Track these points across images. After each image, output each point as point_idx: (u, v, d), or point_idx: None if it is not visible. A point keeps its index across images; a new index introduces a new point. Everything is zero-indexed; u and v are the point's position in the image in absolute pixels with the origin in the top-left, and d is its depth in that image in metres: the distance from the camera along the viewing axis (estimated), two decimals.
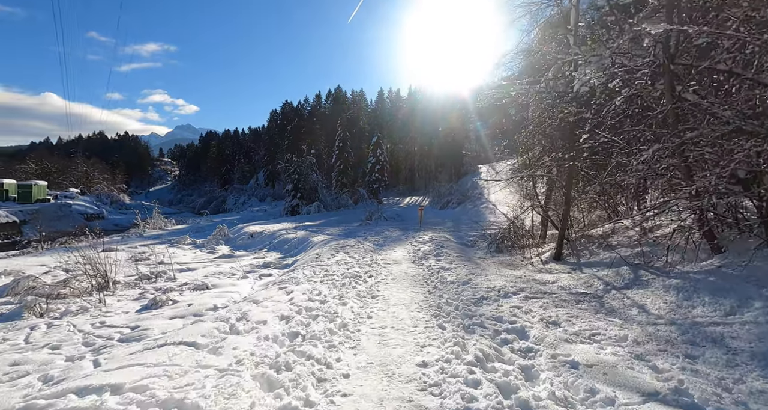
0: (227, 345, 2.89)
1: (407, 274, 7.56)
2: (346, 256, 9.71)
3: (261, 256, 13.52)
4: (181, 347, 2.78)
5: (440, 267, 8.00)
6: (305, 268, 7.87)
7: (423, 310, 4.68)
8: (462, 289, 5.71)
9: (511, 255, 9.96)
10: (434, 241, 12.11)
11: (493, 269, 7.71)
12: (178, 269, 10.85)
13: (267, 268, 10.96)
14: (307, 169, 30.69)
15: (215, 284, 8.60)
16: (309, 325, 3.78)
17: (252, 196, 45.86)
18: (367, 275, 7.23)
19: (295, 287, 5.75)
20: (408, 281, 6.81)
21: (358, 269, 7.87)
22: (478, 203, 27.97)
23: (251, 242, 17.14)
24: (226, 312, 4.14)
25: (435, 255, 9.71)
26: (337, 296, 5.33)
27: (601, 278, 5.34)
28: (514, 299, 4.84)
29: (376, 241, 13.01)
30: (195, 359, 2.54)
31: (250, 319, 3.66)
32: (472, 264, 8.27)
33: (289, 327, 3.65)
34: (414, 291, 5.93)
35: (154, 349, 2.76)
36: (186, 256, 14.54)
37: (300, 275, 7.04)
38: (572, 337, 3.25)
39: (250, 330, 3.33)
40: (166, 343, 2.89)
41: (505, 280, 6.11)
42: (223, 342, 2.97)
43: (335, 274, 7.09)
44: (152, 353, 2.65)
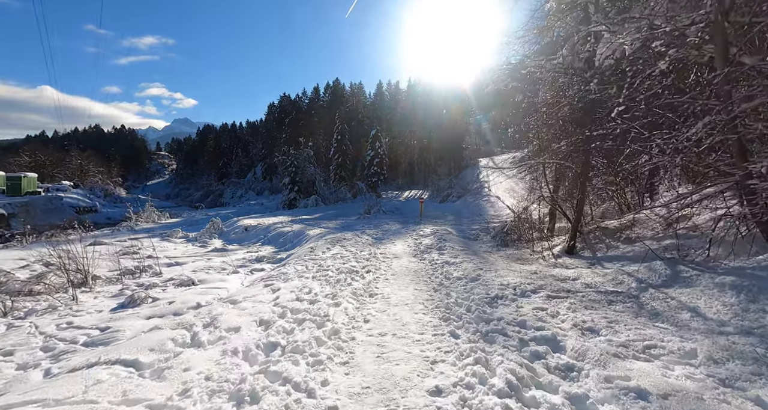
0: (178, 364, 2.19)
1: (409, 269, 6.85)
2: (342, 250, 8.99)
3: (254, 250, 12.80)
4: (116, 367, 2.08)
5: (444, 262, 7.29)
6: (297, 263, 7.15)
7: (429, 312, 3.97)
8: (471, 286, 5.00)
9: (519, 249, 9.27)
10: (436, 234, 11.40)
11: (502, 263, 7.00)
12: (166, 264, 10.15)
13: (260, 262, 10.26)
14: (305, 162, 29.87)
15: (202, 280, 7.92)
16: (292, 332, 3.07)
17: (249, 190, 45.00)
18: (364, 271, 6.51)
19: (283, 285, 5.03)
20: (410, 277, 6.10)
21: (355, 263, 7.15)
22: (479, 197, 27.24)
23: (245, 236, 16.39)
24: (194, 315, 3.42)
25: (437, 249, 9.00)
26: (329, 294, 4.61)
27: (631, 275, 4.63)
28: (534, 299, 4.13)
29: (374, 234, 12.30)
30: (124, 388, 1.84)
31: (219, 325, 2.95)
32: (478, 258, 7.57)
33: (267, 335, 2.94)
34: (417, 289, 5.22)
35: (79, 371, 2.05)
36: (176, 250, 13.77)
37: (290, 270, 6.32)
38: (621, 350, 2.54)
39: (216, 341, 2.63)
40: (99, 361, 2.19)
41: (519, 276, 5.41)
42: (174, 359, 2.27)
43: (330, 269, 6.38)
44: (68, 380, 1.94)
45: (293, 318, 3.49)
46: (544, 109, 7.56)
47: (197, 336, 2.71)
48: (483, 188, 29.54)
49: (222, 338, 2.72)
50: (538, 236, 10.35)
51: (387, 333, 3.26)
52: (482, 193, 28.20)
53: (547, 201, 8.44)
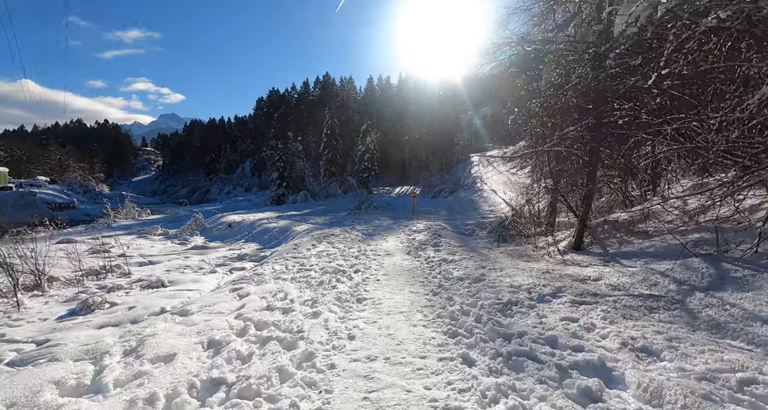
0: None
1: (402, 268, 6.04)
2: (329, 247, 8.14)
3: (237, 247, 11.85)
4: None
5: (441, 259, 6.51)
6: (277, 262, 6.28)
7: (431, 323, 3.17)
8: (477, 289, 4.21)
9: (519, 245, 8.55)
10: (430, 229, 10.62)
11: (506, 261, 6.24)
12: (138, 263, 9.17)
13: (241, 261, 9.36)
14: (294, 156, 28.80)
15: (174, 281, 7.01)
16: (249, 360, 2.24)
17: (237, 185, 43.60)
18: (352, 270, 5.67)
19: (254, 289, 4.17)
20: (404, 278, 5.29)
21: (342, 262, 6.31)
22: (472, 192, 26.59)
23: (229, 233, 15.37)
24: (116, 340, 2.52)
25: (433, 245, 8.22)
26: (309, 301, 3.77)
27: (665, 275, 3.90)
28: (557, 306, 3.36)
29: (365, 230, 11.46)
30: None
31: (145, 353, 2.09)
32: (478, 256, 6.81)
33: (211, 365, 2.10)
34: (413, 292, 4.42)
35: None
36: (153, 247, 12.69)
37: (267, 270, 5.45)
38: (708, 387, 1.77)
39: (129, 382, 1.79)
40: None
41: (530, 276, 4.64)
42: None
43: (313, 269, 5.52)
44: None
45: (256, 337, 2.65)
46: (552, 90, 6.80)
47: (103, 375, 1.85)
48: (475, 184, 28.95)
49: (141, 374, 1.87)
50: (537, 231, 9.66)
51: (378, 357, 2.45)
52: (475, 188, 27.57)
53: (551, 193, 7.71)
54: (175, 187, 55.56)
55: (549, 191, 7.59)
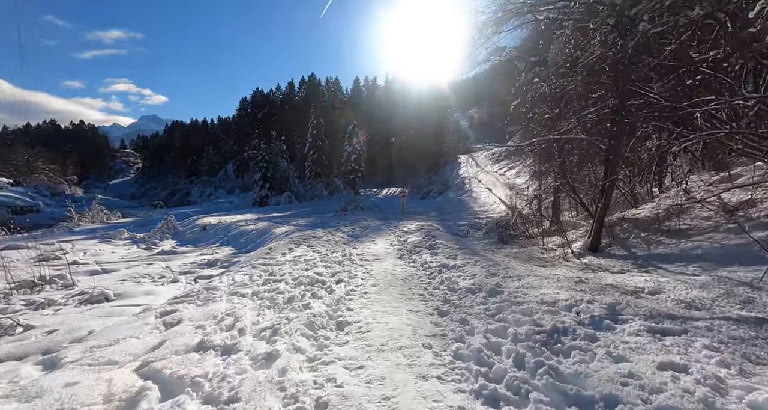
0: None
1: (395, 276, 4.89)
2: (308, 250, 6.94)
3: (209, 252, 10.47)
4: None
5: (441, 265, 5.39)
6: (241, 270, 5.05)
7: (449, 372, 2.04)
8: (497, 306, 3.11)
9: (523, 246, 7.55)
10: (422, 230, 9.52)
11: (518, 266, 5.17)
12: (90, 272, 7.77)
13: (211, 267, 8.06)
14: (277, 156, 27.37)
15: (122, 294, 5.71)
16: None
17: (219, 187, 41.62)
18: (334, 280, 4.49)
19: (193, 313, 2.95)
20: (398, 289, 4.14)
21: (323, 269, 5.12)
22: (461, 192, 25.75)
23: (202, 236, 13.88)
24: None
25: (428, 248, 7.11)
26: (267, 330, 2.60)
27: (754, 286, 2.88)
28: (629, 337, 2.28)
29: (351, 231, 10.28)
30: None
31: None
32: (483, 260, 5.72)
33: None
34: (413, 310, 3.28)
35: None
36: (115, 253, 11.13)
37: (224, 283, 4.22)
38: None
39: None
40: None
41: (560, 286, 3.57)
42: None
43: (284, 279, 4.32)
44: None
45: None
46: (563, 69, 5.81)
47: None
48: (464, 184, 28.12)
49: None
50: (540, 231, 8.69)
51: None
52: (464, 188, 26.72)
53: (561, 189, 6.72)
54: (155, 190, 52.93)
55: (559, 186, 6.58)
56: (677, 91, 5.44)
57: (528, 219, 9.16)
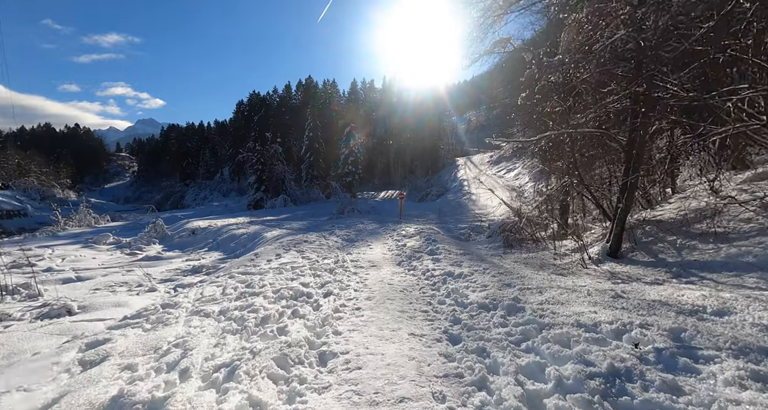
0: None
1: (393, 287, 4.21)
2: (297, 257, 6.25)
3: (196, 258, 9.77)
4: None
5: (445, 273, 4.72)
6: (216, 281, 4.36)
7: None
8: (521, 329, 2.45)
9: (532, 251, 6.91)
10: (421, 234, 8.86)
11: (533, 274, 4.51)
12: (63, 280, 7.07)
13: (196, 274, 7.37)
14: (272, 159, 26.67)
15: (88, 306, 5.03)
16: None
17: (214, 191, 40.75)
18: (322, 292, 3.81)
19: (131, 342, 2.27)
20: (397, 304, 3.46)
21: (311, 279, 4.44)
22: (460, 195, 25.17)
23: (191, 240, 13.14)
24: None
25: (429, 253, 6.45)
26: (220, 371, 1.93)
27: None
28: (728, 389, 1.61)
29: (346, 235, 9.60)
30: None
31: None
32: (492, 267, 5.05)
33: None
34: (416, 335, 2.61)
35: None
36: (95, 259, 10.35)
37: (189, 298, 3.53)
38: None
39: None
40: None
41: (592, 302, 2.91)
42: None
43: (263, 292, 3.63)
44: None
45: None
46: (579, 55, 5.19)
47: None
48: (463, 187, 27.54)
49: None
50: (548, 234, 8.06)
51: None
52: (463, 191, 26.14)
53: (575, 188, 6.07)
54: (151, 193, 51.97)
55: (572, 185, 5.92)
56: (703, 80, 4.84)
57: (534, 222, 8.52)
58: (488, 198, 20.44)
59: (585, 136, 5.91)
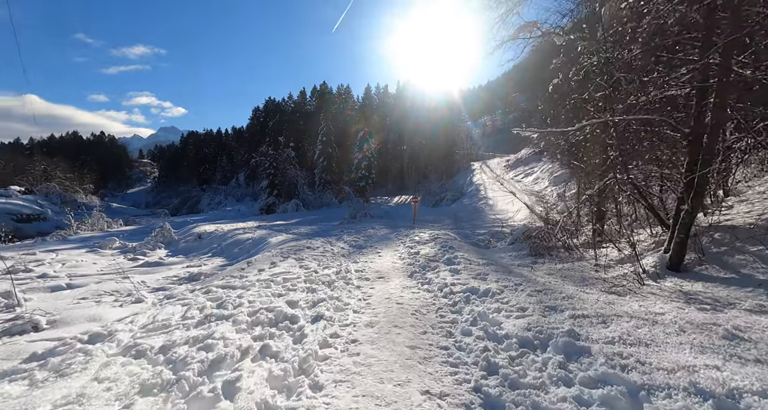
0: None
1: (403, 307, 3.31)
2: (294, 265, 5.43)
3: (197, 264, 9.09)
4: None
5: (468, 289, 3.79)
6: (185, 298, 3.57)
7: None
8: (601, 396, 1.49)
9: (565, 261, 5.90)
10: (436, 240, 7.92)
11: (582, 293, 3.52)
12: (52, 288, 6.48)
13: (191, 282, 6.65)
14: (285, 163, 26.22)
15: (58, 321, 4.38)
16: None
17: (229, 196, 40.77)
18: (311, 315, 2.95)
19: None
20: (407, 335, 2.57)
21: (302, 295, 3.59)
22: (476, 199, 24.04)
23: (197, 245, 12.54)
24: None
25: (446, 263, 5.52)
26: None
27: None
28: None
29: (354, 241, 8.75)
30: None
31: None
32: (525, 281, 4.09)
33: None
34: (433, 394, 1.72)
35: None
36: (95, 265, 9.78)
37: (135, 325, 2.73)
38: None
39: None
40: None
41: (699, 346, 1.94)
42: None
43: (234, 317, 2.80)
44: None
45: None
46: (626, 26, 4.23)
47: None
48: (479, 191, 26.39)
49: None
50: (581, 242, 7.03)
51: None
52: (479, 195, 24.98)
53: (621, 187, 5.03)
54: (170, 198, 52.70)
55: (620, 185, 4.88)
56: None
57: (564, 228, 7.46)
58: (509, 202, 19.29)
59: (633, 125, 4.90)
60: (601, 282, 4.29)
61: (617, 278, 4.42)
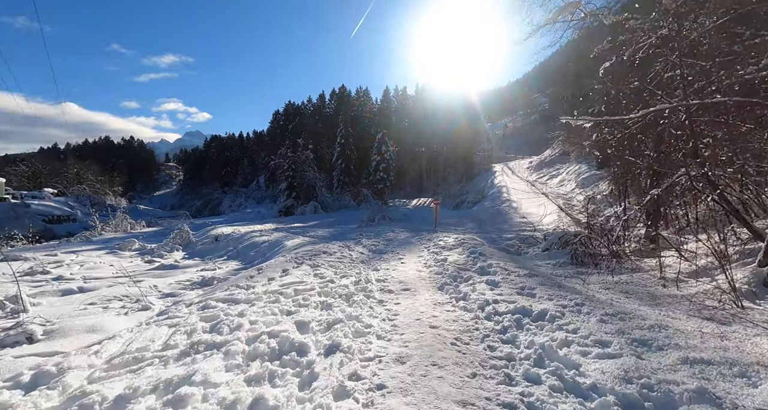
0: None
1: (439, 333, 2.61)
2: (309, 273, 4.82)
3: (211, 267, 8.73)
4: None
5: (516, 309, 3.06)
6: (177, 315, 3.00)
7: None
8: None
9: (616, 272, 5.05)
10: (463, 245, 7.16)
11: (668, 319, 2.73)
12: (63, 291, 6.21)
13: (203, 287, 6.29)
14: (303, 165, 25.98)
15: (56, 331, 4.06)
16: None
17: (249, 198, 41.09)
18: (325, 344, 2.31)
19: None
20: (450, 381, 1.88)
21: (315, 313, 2.97)
22: (498, 202, 22.95)
23: (214, 247, 12.24)
24: None
25: (480, 272, 4.79)
26: None
27: None
28: None
29: (373, 245, 8.10)
30: None
31: None
32: (586, 300, 3.32)
33: None
34: None
35: None
36: (113, 267, 9.55)
37: (99, 358, 2.14)
38: None
39: None
40: None
41: None
42: None
43: (227, 345, 2.20)
44: None
45: None
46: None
47: None
48: (501, 193, 25.26)
49: None
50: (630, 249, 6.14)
51: None
52: (501, 198, 23.84)
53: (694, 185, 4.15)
54: (193, 200, 53.87)
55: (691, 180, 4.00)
56: None
57: (610, 233, 6.57)
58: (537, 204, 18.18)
59: (707, 111, 4.03)
60: (679, 302, 3.46)
61: (698, 296, 3.57)
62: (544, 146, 38.46)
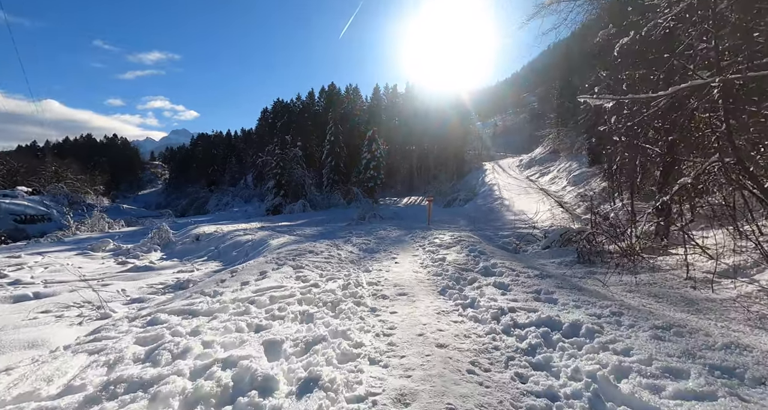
0: None
1: (449, 357, 2.00)
2: (290, 276, 4.16)
3: (189, 268, 8.00)
4: None
5: (539, 321, 2.47)
6: (104, 337, 2.31)
7: None
8: None
9: (634, 272, 4.55)
10: (461, 243, 6.57)
11: (733, 333, 2.17)
12: (16, 297, 5.63)
13: (176, 291, 5.61)
14: (292, 162, 25.13)
15: None
16: None
17: (236, 196, 39.88)
18: (299, 375, 1.67)
19: None
20: None
21: (292, 329, 2.32)
22: (491, 200, 22.60)
23: (193, 248, 11.43)
24: None
25: (484, 273, 4.22)
26: None
27: None
28: None
29: (364, 244, 7.47)
30: None
31: None
32: (621, 308, 2.76)
33: None
34: None
35: None
36: (82, 269, 8.71)
37: None
38: None
39: None
40: None
41: None
42: None
43: (158, 386, 1.54)
44: None
45: None
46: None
47: None
48: (493, 191, 24.90)
49: None
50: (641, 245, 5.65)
51: None
52: (493, 195, 23.48)
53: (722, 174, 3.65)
54: (179, 199, 52.15)
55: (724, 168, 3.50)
56: None
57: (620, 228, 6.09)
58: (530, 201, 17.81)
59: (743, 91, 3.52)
60: (724, 308, 2.92)
61: (741, 301, 3.05)
62: (534, 144, 38.41)
